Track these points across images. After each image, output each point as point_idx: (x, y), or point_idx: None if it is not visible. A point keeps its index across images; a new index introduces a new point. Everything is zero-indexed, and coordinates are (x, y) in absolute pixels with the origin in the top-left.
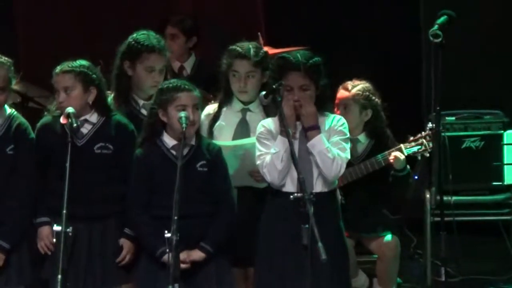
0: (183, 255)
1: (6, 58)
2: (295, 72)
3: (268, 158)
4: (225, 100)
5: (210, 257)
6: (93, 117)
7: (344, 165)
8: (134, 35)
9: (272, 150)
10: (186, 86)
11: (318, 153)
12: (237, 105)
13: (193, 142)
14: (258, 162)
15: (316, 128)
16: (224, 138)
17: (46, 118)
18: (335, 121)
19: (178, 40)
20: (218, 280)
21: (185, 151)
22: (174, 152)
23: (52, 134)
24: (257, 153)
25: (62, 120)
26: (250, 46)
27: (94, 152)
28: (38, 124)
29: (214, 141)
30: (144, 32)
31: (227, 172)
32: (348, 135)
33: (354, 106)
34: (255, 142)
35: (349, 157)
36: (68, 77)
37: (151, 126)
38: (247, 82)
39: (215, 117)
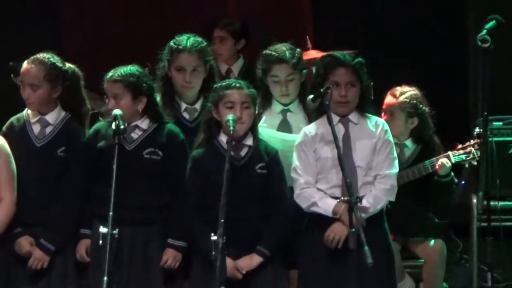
0: (239, 263)
1: (57, 62)
2: (343, 68)
3: (308, 192)
4: (265, 103)
5: (267, 260)
6: (144, 124)
7: (395, 182)
8: (176, 37)
9: (317, 199)
10: (237, 85)
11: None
12: (277, 107)
13: (250, 143)
14: (293, 174)
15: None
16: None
17: (100, 124)
18: (379, 129)
19: (226, 43)
20: (274, 284)
21: (244, 152)
22: (232, 153)
23: (103, 139)
24: (294, 163)
25: (114, 126)
26: (284, 48)
27: (143, 157)
28: (91, 129)
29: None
30: (186, 34)
31: (284, 175)
32: (393, 141)
33: (400, 114)
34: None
35: (397, 166)
36: (117, 86)
37: (206, 125)
38: (288, 86)
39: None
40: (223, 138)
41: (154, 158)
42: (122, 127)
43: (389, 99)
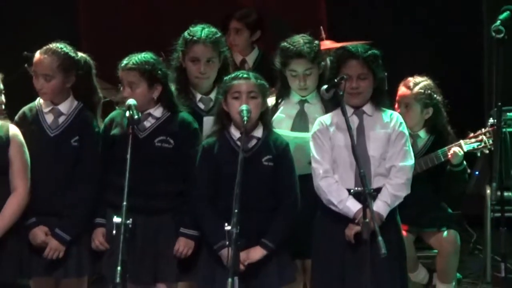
0: (242, 255)
1: (69, 52)
2: (354, 61)
3: (328, 189)
4: (283, 94)
5: (271, 253)
6: (157, 112)
7: (411, 174)
8: (190, 27)
9: (337, 201)
10: (244, 75)
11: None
12: (295, 97)
13: (259, 135)
14: (314, 165)
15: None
16: (283, 130)
17: (115, 112)
18: (393, 121)
19: (242, 35)
20: (280, 275)
21: (252, 143)
22: (240, 144)
23: (117, 127)
24: (311, 152)
25: (128, 115)
26: (302, 41)
27: (154, 145)
28: (107, 118)
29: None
30: (200, 25)
31: (293, 168)
32: (407, 133)
33: (416, 105)
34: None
35: (413, 158)
36: (132, 74)
37: (218, 117)
38: (306, 80)
39: (273, 109)
40: (233, 130)
41: (166, 146)
42: (136, 117)
43: (403, 91)
